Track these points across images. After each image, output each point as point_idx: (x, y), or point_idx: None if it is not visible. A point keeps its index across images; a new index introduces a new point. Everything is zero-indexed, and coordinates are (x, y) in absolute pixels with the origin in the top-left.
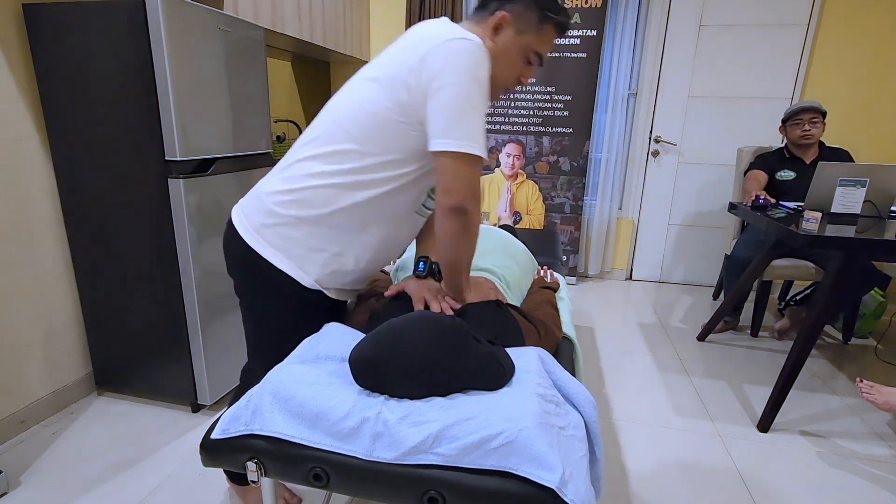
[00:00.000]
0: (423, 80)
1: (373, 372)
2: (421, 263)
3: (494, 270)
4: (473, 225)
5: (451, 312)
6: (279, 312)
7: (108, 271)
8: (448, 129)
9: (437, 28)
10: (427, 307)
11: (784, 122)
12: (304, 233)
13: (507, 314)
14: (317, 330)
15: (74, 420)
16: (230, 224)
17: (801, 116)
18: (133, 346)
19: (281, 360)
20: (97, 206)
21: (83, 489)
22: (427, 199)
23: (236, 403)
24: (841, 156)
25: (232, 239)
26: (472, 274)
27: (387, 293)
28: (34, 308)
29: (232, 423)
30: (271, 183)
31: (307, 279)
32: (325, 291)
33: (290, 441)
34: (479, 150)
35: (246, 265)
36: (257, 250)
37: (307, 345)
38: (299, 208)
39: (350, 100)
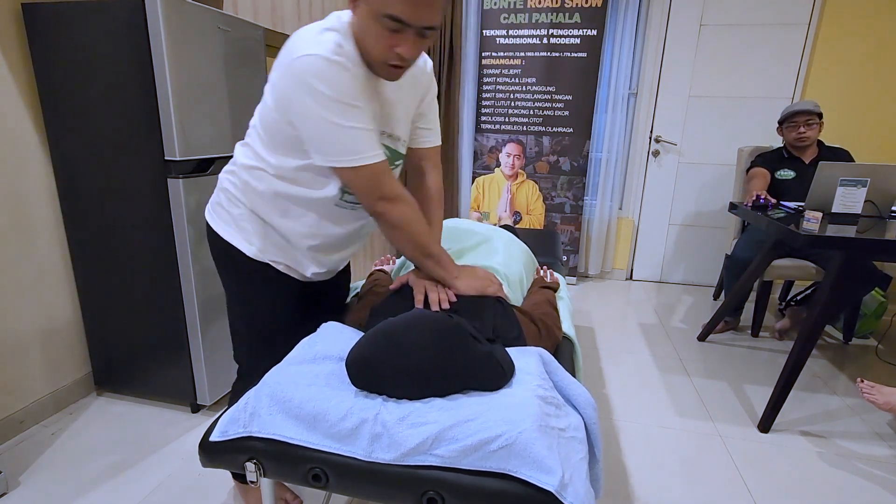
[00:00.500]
0: (284, 103)
1: (370, 374)
2: None
3: (497, 269)
4: (395, 222)
5: (448, 304)
6: (244, 290)
7: (108, 271)
8: (320, 149)
9: (295, 43)
10: (427, 300)
11: (780, 123)
12: (242, 210)
13: (508, 310)
14: (291, 311)
15: (74, 420)
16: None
17: (795, 119)
18: (133, 346)
19: (256, 343)
20: (96, 205)
21: (83, 489)
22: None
23: (234, 405)
24: (841, 155)
25: (206, 226)
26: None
27: (391, 286)
28: (34, 308)
29: (230, 425)
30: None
31: (252, 250)
32: (275, 265)
33: (288, 443)
34: (358, 160)
35: (213, 246)
36: (212, 225)
37: (305, 345)
38: (235, 189)
39: (264, 97)
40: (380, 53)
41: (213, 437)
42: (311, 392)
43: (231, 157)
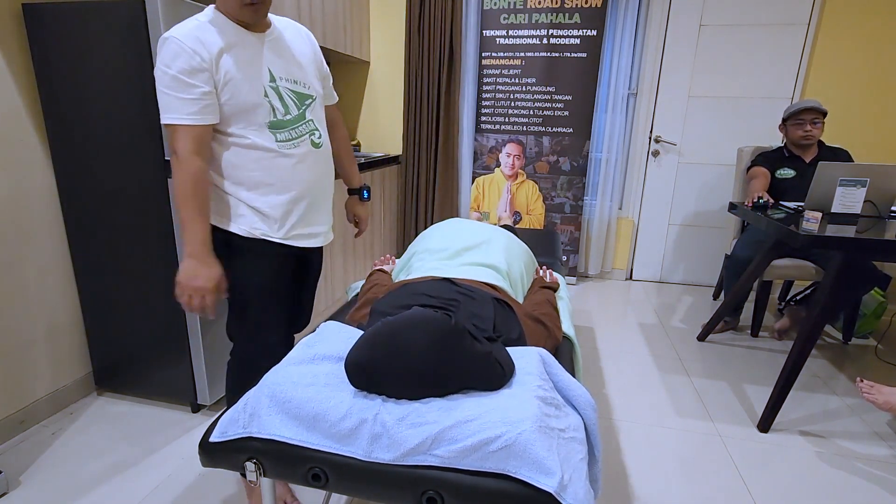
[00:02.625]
0: None
1: (369, 375)
2: (365, 192)
3: (499, 268)
4: (175, 177)
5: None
6: (240, 268)
7: (108, 271)
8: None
9: None
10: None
11: (784, 120)
12: (217, 193)
13: (509, 311)
14: (282, 280)
15: (74, 420)
16: None
17: (802, 116)
18: (133, 346)
19: (254, 315)
20: (97, 205)
21: (83, 489)
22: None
23: (234, 406)
24: (840, 155)
25: None
26: (477, 269)
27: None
28: (34, 308)
29: (230, 425)
30: None
31: (243, 229)
32: (266, 238)
33: (288, 443)
34: (166, 119)
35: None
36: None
37: (304, 345)
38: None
39: None
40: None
41: (213, 438)
42: (311, 392)
43: None
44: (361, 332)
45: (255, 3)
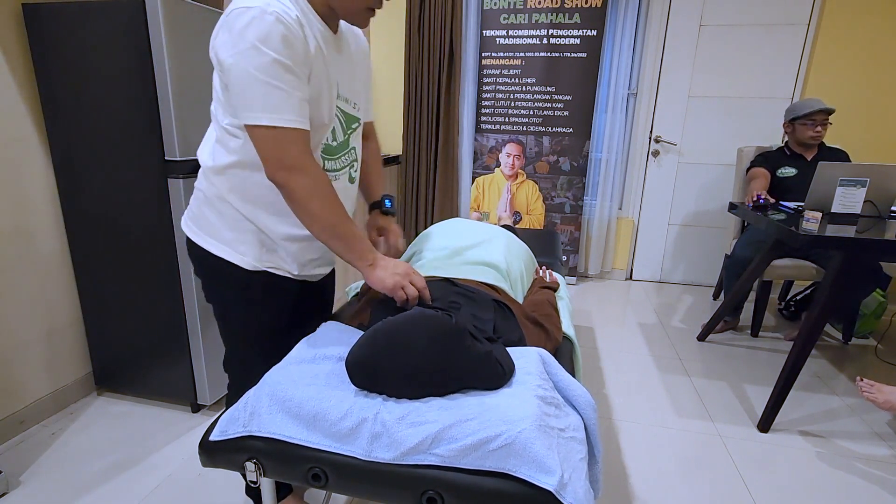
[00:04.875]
0: (219, 57)
1: (369, 373)
2: (387, 201)
3: (499, 267)
4: (294, 198)
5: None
6: (241, 304)
7: (108, 271)
8: (236, 106)
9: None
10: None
11: (793, 120)
12: (224, 214)
13: (509, 313)
14: (286, 316)
15: (74, 420)
16: (183, 227)
17: (815, 117)
18: (133, 346)
19: (254, 353)
20: (97, 205)
21: (83, 489)
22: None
23: (234, 405)
24: (839, 156)
25: (187, 240)
26: (477, 269)
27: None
28: (34, 308)
29: (230, 424)
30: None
31: (247, 261)
32: (275, 272)
33: (288, 442)
34: (265, 120)
35: (199, 263)
36: (196, 241)
37: (304, 345)
38: (216, 195)
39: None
40: (367, 1)
41: (213, 437)
42: (311, 391)
43: None
44: (362, 333)
45: (374, 12)
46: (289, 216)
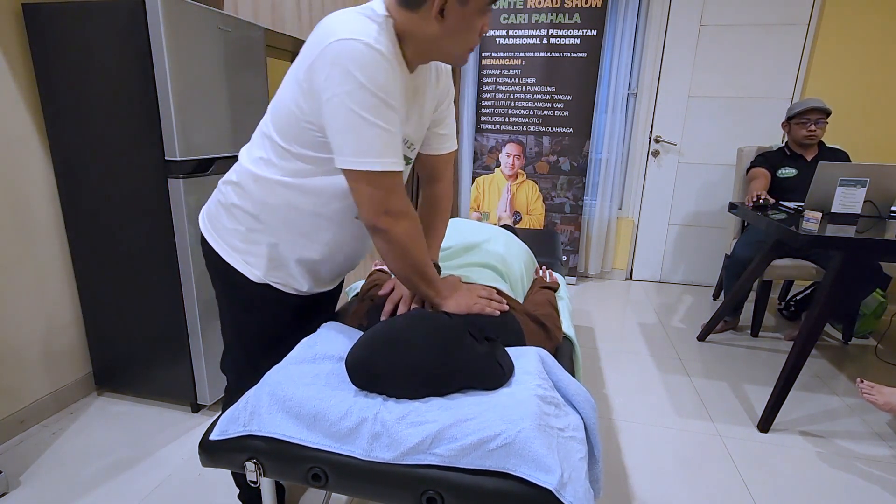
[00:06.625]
0: (315, 88)
1: (369, 373)
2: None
3: (498, 268)
4: (396, 241)
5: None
6: (242, 311)
7: (108, 271)
8: (338, 146)
9: (332, 25)
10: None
11: (789, 118)
12: (246, 225)
13: (509, 315)
14: (288, 328)
15: (74, 420)
16: (199, 222)
17: (808, 116)
18: (133, 346)
19: (251, 360)
20: (97, 206)
21: (83, 489)
22: None
23: (234, 405)
24: (839, 156)
25: (201, 237)
26: (476, 270)
27: (380, 292)
28: (34, 308)
29: (230, 424)
30: (225, 177)
31: (254, 273)
32: (279, 287)
33: (288, 441)
34: (374, 165)
35: (209, 261)
36: (212, 244)
37: (305, 345)
38: (238, 198)
39: (280, 94)
40: (472, 42)
41: (213, 436)
42: (312, 391)
43: (231, 156)
44: (361, 333)
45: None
46: (312, 242)
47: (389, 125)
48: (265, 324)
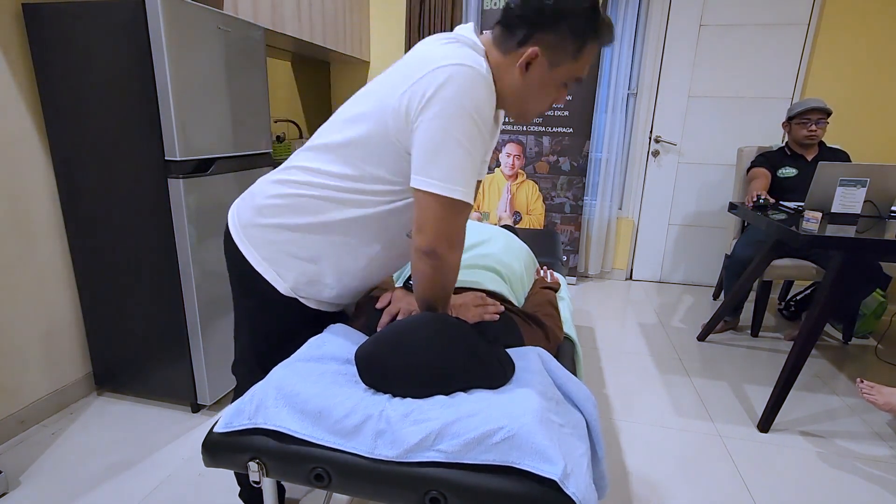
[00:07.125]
0: (413, 109)
1: (376, 368)
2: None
3: (499, 269)
4: (445, 269)
5: None
6: (261, 318)
7: (108, 271)
8: (425, 166)
9: (435, 50)
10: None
11: (790, 118)
12: (285, 238)
13: (508, 317)
14: (302, 339)
15: (74, 420)
16: (228, 221)
17: (809, 116)
18: (133, 346)
19: (261, 365)
20: (97, 206)
21: (83, 489)
22: None
23: (240, 398)
24: (839, 156)
25: (226, 236)
26: (477, 271)
27: (377, 305)
28: (34, 308)
29: (235, 416)
30: (267, 183)
31: (283, 285)
32: (303, 301)
33: (292, 436)
34: (457, 193)
35: (233, 263)
36: (241, 249)
37: (312, 344)
38: (285, 214)
39: (354, 113)
40: (544, 107)
41: (218, 429)
42: (318, 388)
43: (231, 156)
44: (366, 336)
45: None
46: (356, 260)
47: (477, 152)
48: (283, 331)
